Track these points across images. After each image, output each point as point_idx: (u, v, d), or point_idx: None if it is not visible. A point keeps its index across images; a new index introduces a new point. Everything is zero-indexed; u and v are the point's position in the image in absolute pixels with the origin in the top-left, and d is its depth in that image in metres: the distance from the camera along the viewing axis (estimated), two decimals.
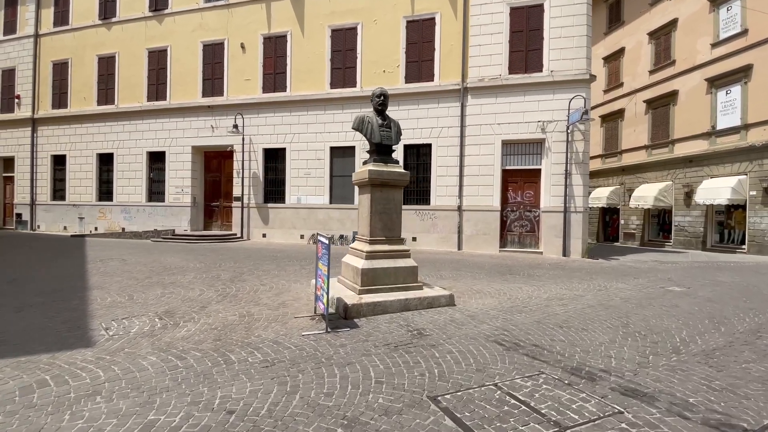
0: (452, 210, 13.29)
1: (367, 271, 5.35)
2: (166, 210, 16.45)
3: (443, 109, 13.45)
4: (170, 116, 16.34)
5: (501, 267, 9.64)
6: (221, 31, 15.68)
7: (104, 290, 6.18)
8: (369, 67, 14.11)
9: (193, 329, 4.38)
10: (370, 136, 5.68)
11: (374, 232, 5.61)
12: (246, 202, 15.37)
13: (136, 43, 16.65)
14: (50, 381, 3.04)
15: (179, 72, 16.19)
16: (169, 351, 3.71)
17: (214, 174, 16.65)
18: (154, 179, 16.82)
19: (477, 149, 13.10)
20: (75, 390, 2.89)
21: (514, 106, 12.81)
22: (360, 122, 5.72)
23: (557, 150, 12.48)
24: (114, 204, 17.16)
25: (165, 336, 4.13)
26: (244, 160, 15.36)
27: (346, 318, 4.84)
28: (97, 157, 17.42)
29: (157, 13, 16.38)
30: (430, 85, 13.53)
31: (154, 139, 16.58)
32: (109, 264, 8.70)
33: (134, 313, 4.96)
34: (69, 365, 3.34)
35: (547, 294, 6.59)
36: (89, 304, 5.34)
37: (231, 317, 4.87)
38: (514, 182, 13.10)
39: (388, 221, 5.69)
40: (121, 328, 4.38)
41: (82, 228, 17.39)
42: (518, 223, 13.04)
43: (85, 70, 17.41)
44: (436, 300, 5.43)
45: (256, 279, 7.31)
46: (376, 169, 5.51)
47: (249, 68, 15.36)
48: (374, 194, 5.60)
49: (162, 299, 5.69)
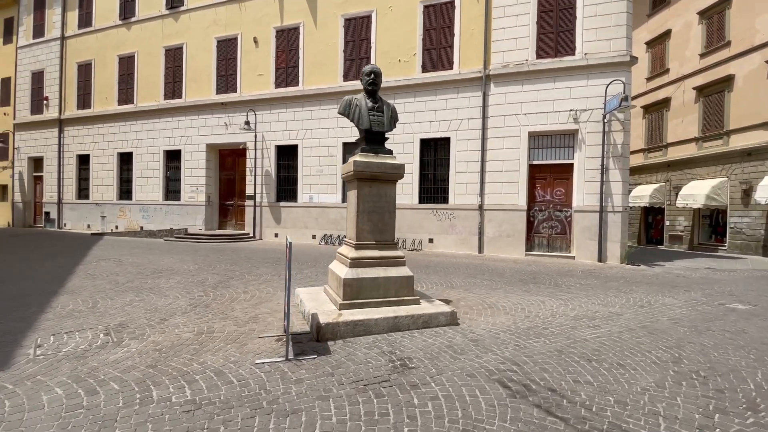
0: (473, 209, 12.19)
1: (350, 282, 4.49)
2: (181, 209, 16.32)
3: (463, 100, 12.36)
4: (186, 114, 16.19)
5: (524, 274, 8.50)
6: (235, 26, 15.32)
7: (74, 295, 5.67)
8: (383, 57, 13.24)
9: (134, 349, 3.69)
10: (358, 122, 4.81)
11: (361, 235, 4.74)
12: (258, 201, 14.92)
13: (154, 41, 16.63)
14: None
15: (194, 69, 15.99)
16: (86, 381, 3.02)
17: (229, 172, 16.35)
18: (170, 178, 16.74)
19: (500, 142, 11.92)
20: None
21: (542, 94, 11.53)
22: (347, 105, 4.86)
23: (592, 142, 11.10)
24: (133, 203, 17.25)
25: (96, 358, 3.46)
26: (257, 158, 14.92)
27: (319, 340, 3.99)
28: (117, 156, 17.59)
29: (174, 10, 16.26)
30: (449, 73, 12.47)
31: (171, 138, 16.49)
32: (101, 265, 8.34)
33: (84, 325, 4.36)
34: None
35: (576, 311, 5.47)
36: (45, 312, 4.80)
37: (186, 334, 4.15)
38: (543, 179, 11.82)
39: (379, 222, 4.80)
40: (54, 345, 3.76)
41: (104, 226, 17.62)
42: (547, 224, 11.75)
43: (106, 70, 17.62)
44: (434, 318, 4.48)
45: (242, 285, 6.63)
46: (363, 161, 4.63)
47: (262, 63, 14.89)
48: (362, 190, 4.73)
49: (126, 308, 5.09)
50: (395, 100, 13.02)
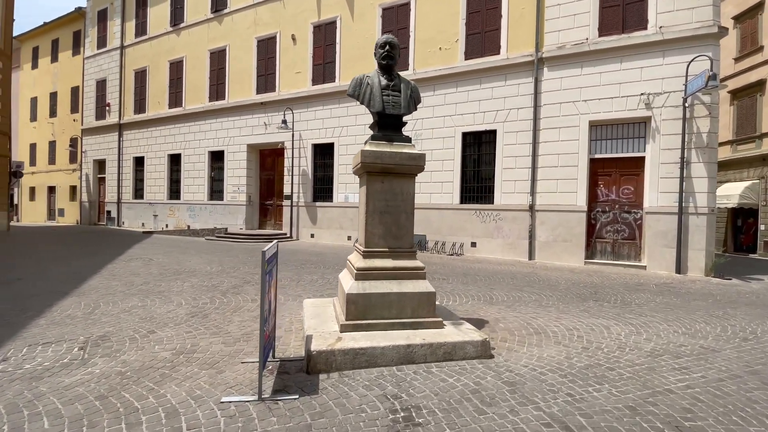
0: (522, 210, 10.85)
1: (355, 298, 3.66)
2: (224, 208, 16.54)
3: (511, 87, 11.06)
4: (228, 115, 16.38)
5: (583, 287, 7.16)
6: (274, 24, 15.19)
7: (80, 298, 5.43)
8: (423, 46, 12.30)
9: (97, 371, 3.16)
10: (369, 103, 3.97)
11: (371, 241, 3.89)
12: (295, 201, 14.64)
13: (200, 45, 17.04)
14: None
15: (236, 70, 16.12)
16: (21, 411, 2.51)
17: (269, 172, 16.29)
18: (214, 178, 17.07)
19: (555, 134, 10.47)
20: None
21: (606, 77, 9.93)
22: (356, 85, 4.04)
23: (669, 131, 9.34)
24: (181, 202, 17.83)
25: (51, 380, 2.96)
26: (294, 157, 14.64)
27: (309, 372, 3.21)
28: (168, 157, 18.30)
29: (218, 14, 16.54)
30: (496, 59, 11.23)
31: (215, 139, 16.79)
32: (128, 264, 8.28)
33: (67, 335, 3.95)
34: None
35: (653, 342, 4.20)
36: (39, 318, 4.51)
37: (164, 353, 3.57)
38: (607, 175, 10.20)
39: (393, 225, 3.93)
40: (21, 359, 3.34)
41: (156, 225, 18.42)
42: (612, 227, 10.11)
43: (159, 75, 18.41)
44: (459, 348, 3.52)
45: (254, 291, 6.07)
46: (373, 150, 3.79)
47: (299, 60, 14.60)
48: (371, 186, 3.89)
49: (122, 315, 4.68)
50: (435, 92, 12.05)
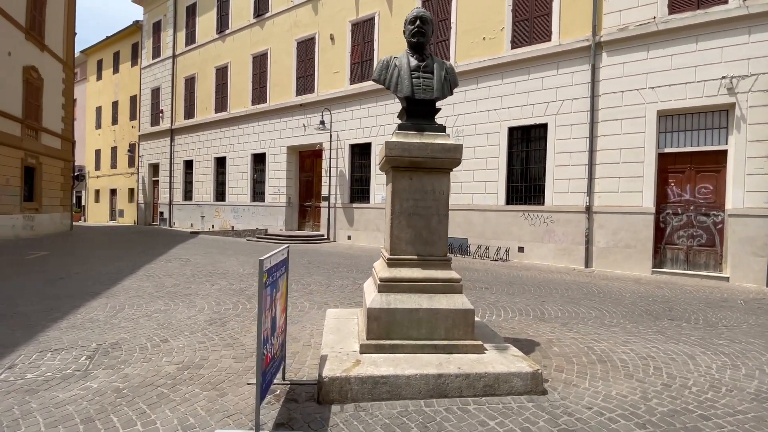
0: (577, 212, 9.77)
1: (377, 314, 3.14)
2: (265, 210, 16.74)
3: (564, 77, 10.02)
4: (270, 118, 16.57)
5: (653, 302, 6.12)
6: (312, 25, 15.12)
7: (108, 299, 5.38)
8: (465, 37, 11.55)
9: (95, 386, 2.90)
10: (396, 88, 3.43)
11: (397, 247, 3.35)
12: (333, 202, 14.43)
13: (244, 50, 17.42)
14: None
15: (277, 73, 16.27)
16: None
17: (308, 173, 16.25)
18: (257, 180, 17.34)
19: (616, 126, 9.31)
20: None
21: (678, 60, 8.65)
22: (383, 68, 3.52)
23: (757, 119, 7.91)
24: (226, 204, 18.33)
25: (45, 395, 2.73)
26: (332, 158, 14.44)
27: (320, 402, 2.73)
28: (214, 160, 18.91)
29: (259, 18, 16.80)
30: (546, 46, 10.24)
31: (257, 141, 17.06)
32: (166, 265, 8.35)
33: (80, 341, 3.79)
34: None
35: (756, 380, 3.28)
36: (62, 320, 4.44)
37: (169, 368, 3.26)
38: (679, 171, 8.88)
39: (423, 229, 3.36)
40: (26, 367, 3.17)
41: (203, 225, 19.08)
42: (685, 232, 8.78)
43: (206, 82, 19.09)
44: (504, 381, 2.87)
45: (291, 298, 5.72)
46: (400, 142, 3.25)
47: (337, 60, 14.39)
48: (398, 183, 3.35)
49: (141, 320, 4.50)
50: (478, 85, 11.26)
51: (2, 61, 12.08)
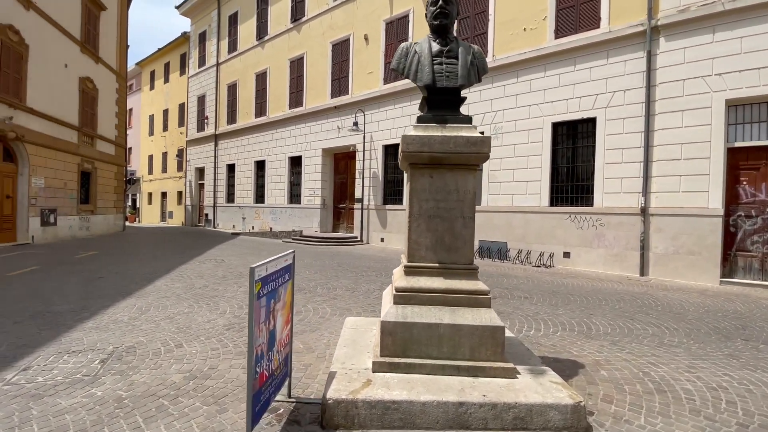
0: (631, 214, 8.85)
1: (392, 328, 2.80)
2: (301, 212, 16.91)
3: (615, 66, 9.14)
4: (306, 121, 16.73)
5: (723, 318, 5.28)
6: (347, 26, 15.07)
7: (137, 299, 5.45)
8: (504, 29, 10.93)
9: (98, 394, 2.80)
10: (416, 76, 3.09)
11: (416, 253, 3.00)
12: (366, 204, 14.25)
13: (281, 55, 17.75)
14: None
15: (313, 76, 16.40)
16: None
17: (342, 175, 16.21)
18: (293, 182, 17.58)
19: (677, 119, 8.32)
20: None
21: (749, 43, 7.56)
22: (402, 55, 3.19)
23: None
24: (265, 206, 18.75)
25: (48, 401, 2.66)
26: (365, 159, 14.27)
27: (324, 426, 2.43)
28: (254, 164, 19.43)
29: (296, 23, 17.04)
30: (595, 34, 9.40)
31: (294, 145, 17.30)
32: (200, 266, 8.50)
33: (98, 344, 3.78)
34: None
35: None
36: (88, 321, 4.50)
37: (176, 376, 3.12)
38: (753, 168, 7.77)
39: (445, 233, 2.98)
40: (39, 370, 3.16)
41: (244, 227, 19.65)
42: (761, 237, 7.65)
43: (247, 88, 19.68)
44: (538, 413, 2.43)
45: (304, 300, 5.54)
46: (418, 135, 2.91)
47: (371, 60, 14.21)
48: (417, 182, 3.00)
49: (163, 323, 4.47)
50: (518, 79, 10.59)
51: (60, 72, 13.08)
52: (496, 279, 7.78)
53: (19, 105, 11.04)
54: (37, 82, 11.86)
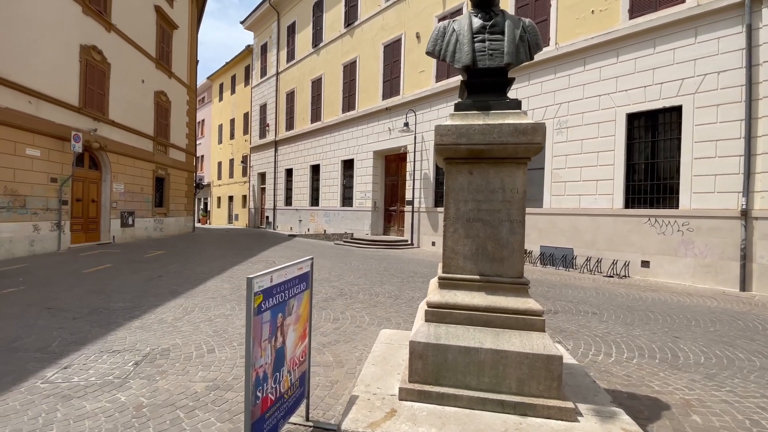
0: (727, 217, 7.49)
1: (422, 350, 2.41)
2: (353, 214, 16.95)
3: (706, 45, 7.82)
4: (358, 124, 16.76)
5: None
6: (399, 26, 14.83)
7: (187, 299, 5.58)
8: (568, 13, 9.94)
9: (121, 399, 2.75)
10: (453, 57, 2.67)
11: (452, 263, 2.57)
12: (416, 207, 13.83)
13: (335, 60, 18.00)
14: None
15: (365, 79, 16.39)
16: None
17: (393, 177, 15.96)
18: (346, 185, 17.70)
19: None
20: None
21: None
22: (437, 36, 2.78)
23: None
24: (319, 209, 19.11)
25: (76, 404, 2.64)
26: (416, 161, 13.88)
27: None
28: (310, 168, 19.92)
29: (349, 27, 17.17)
30: (678, 10, 8.14)
31: (346, 148, 17.42)
32: (252, 267, 8.68)
33: (138, 344, 3.82)
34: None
35: None
36: (136, 320, 4.63)
37: (199, 385, 3.00)
38: None
39: (488, 240, 2.52)
40: (77, 369, 3.22)
41: (300, 229, 20.21)
42: None
43: (303, 94, 20.28)
44: None
45: (344, 305, 5.29)
46: (454, 125, 2.50)
47: (423, 58, 13.80)
48: (454, 180, 2.59)
49: (202, 325, 4.47)
50: (585, 67, 9.56)
51: (137, 87, 14.39)
52: (559, 290, 6.96)
53: (102, 118, 12.30)
54: (118, 97, 13.15)
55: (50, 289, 6.13)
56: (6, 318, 4.55)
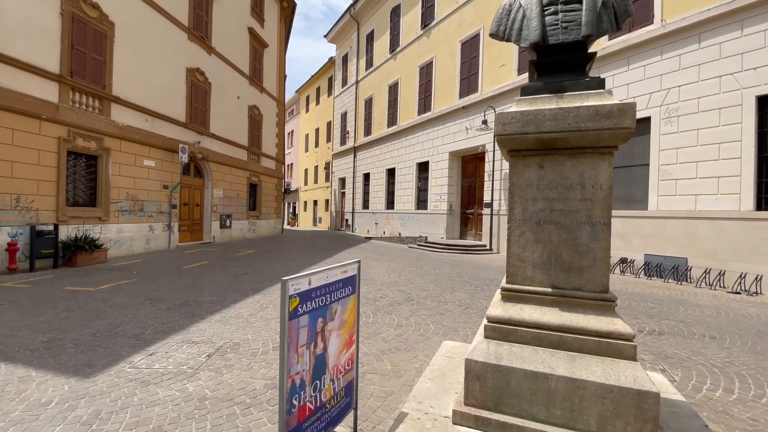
0: None
1: (479, 371, 2.11)
2: (428, 217, 16.68)
3: None
4: (433, 126, 16.49)
5: None
6: (477, 21, 14.25)
7: (264, 296, 5.90)
8: None
9: (189, 389, 2.92)
10: (518, 36, 2.33)
11: (517, 271, 2.23)
12: (495, 209, 13.05)
13: (411, 63, 17.99)
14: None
15: (441, 79, 16.07)
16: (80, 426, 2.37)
17: (470, 179, 15.32)
18: (420, 188, 17.51)
19: None
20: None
21: None
22: (502, 15, 2.45)
23: None
24: (394, 212, 19.21)
25: (144, 392, 2.87)
26: (495, 160, 13.12)
27: None
28: (386, 172, 20.16)
29: (426, 28, 17.02)
30: None
31: (421, 150, 17.25)
32: None
33: (214, 338, 4.08)
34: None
35: None
36: (217, 313, 5.00)
37: (259, 383, 3.07)
38: None
39: (563, 245, 2.13)
40: (159, 357, 3.52)
41: (376, 232, 20.55)
42: None
43: (381, 100, 20.64)
44: None
45: (410, 311, 5.08)
46: (519, 112, 2.17)
47: (504, 52, 13.04)
48: (520, 175, 2.25)
49: (273, 321, 4.65)
50: (701, 44, 8.09)
51: (234, 103, 16.00)
52: (668, 307, 5.89)
53: (204, 131, 13.90)
54: (217, 112, 14.76)
55: (155, 282, 6.99)
56: (117, 306, 5.26)
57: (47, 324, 4.44)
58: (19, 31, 7.90)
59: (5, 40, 7.68)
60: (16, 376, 3.12)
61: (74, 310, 5.05)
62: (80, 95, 9.19)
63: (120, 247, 10.41)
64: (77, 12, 8.99)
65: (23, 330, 4.22)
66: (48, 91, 8.47)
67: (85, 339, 3.97)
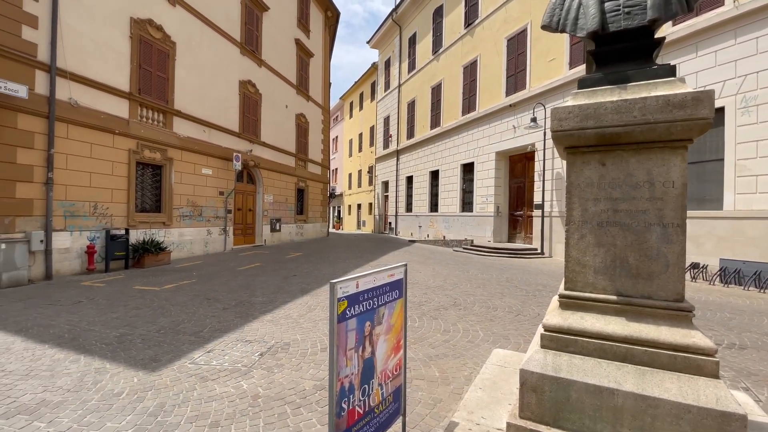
0: None
1: (535, 383, 1.98)
2: (473, 220, 16.29)
3: None
4: (478, 126, 16.11)
5: None
6: (524, 16, 13.76)
7: (312, 297, 6.05)
8: None
9: (243, 387, 3.04)
10: (575, 26, 2.18)
11: (578, 277, 2.08)
12: (547, 211, 12.45)
13: (455, 63, 17.74)
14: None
15: (486, 78, 15.69)
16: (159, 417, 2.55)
17: (519, 179, 14.76)
18: (465, 190, 17.16)
19: None
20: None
21: None
22: (557, 4, 2.31)
23: None
24: (438, 215, 18.97)
25: (203, 388, 3.03)
26: (545, 159, 12.53)
27: None
28: (429, 174, 19.99)
29: (470, 27, 16.71)
30: None
31: (466, 151, 16.91)
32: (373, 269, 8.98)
33: (266, 337, 4.23)
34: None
35: None
36: (269, 313, 5.18)
37: (308, 383, 3.13)
38: None
39: (630, 248, 1.95)
40: (216, 355, 3.71)
41: (419, 234, 20.41)
42: None
43: (423, 103, 20.53)
44: None
45: (458, 317, 4.95)
46: (576, 105, 2.03)
47: (553, 46, 12.47)
48: (579, 173, 2.11)
49: (321, 323, 4.74)
50: None
51: (282, 112, 16.69)
52: (749, 318, 5.27)
53: (256, 140, 14.62)
54: (267, 121, 15.47)
55: (213, 282, 7.40)
56: (179, 305, 5.62)
57: (119, 320, 4.85)
58: (94, 55, 8.79)
59: (84, 64, 8.57)
60: (93, 367, 3.42)
61: (142, 308, 5.47)
62: (147, 110, 10.03)
63: (181, 250, 11.18)
64: (144, 34, 9.84)
65: (98, 325, 4.63)
66: (119, 108, 9.34)
67: (151, 335, 4.28)
